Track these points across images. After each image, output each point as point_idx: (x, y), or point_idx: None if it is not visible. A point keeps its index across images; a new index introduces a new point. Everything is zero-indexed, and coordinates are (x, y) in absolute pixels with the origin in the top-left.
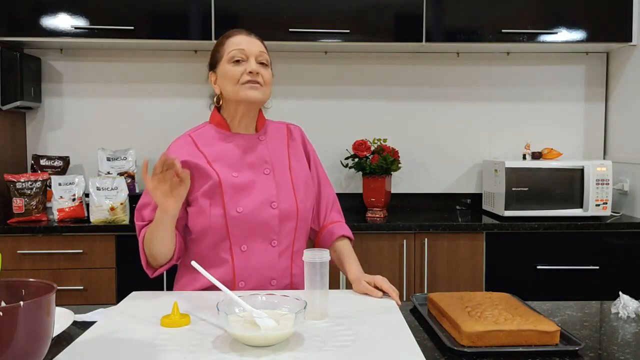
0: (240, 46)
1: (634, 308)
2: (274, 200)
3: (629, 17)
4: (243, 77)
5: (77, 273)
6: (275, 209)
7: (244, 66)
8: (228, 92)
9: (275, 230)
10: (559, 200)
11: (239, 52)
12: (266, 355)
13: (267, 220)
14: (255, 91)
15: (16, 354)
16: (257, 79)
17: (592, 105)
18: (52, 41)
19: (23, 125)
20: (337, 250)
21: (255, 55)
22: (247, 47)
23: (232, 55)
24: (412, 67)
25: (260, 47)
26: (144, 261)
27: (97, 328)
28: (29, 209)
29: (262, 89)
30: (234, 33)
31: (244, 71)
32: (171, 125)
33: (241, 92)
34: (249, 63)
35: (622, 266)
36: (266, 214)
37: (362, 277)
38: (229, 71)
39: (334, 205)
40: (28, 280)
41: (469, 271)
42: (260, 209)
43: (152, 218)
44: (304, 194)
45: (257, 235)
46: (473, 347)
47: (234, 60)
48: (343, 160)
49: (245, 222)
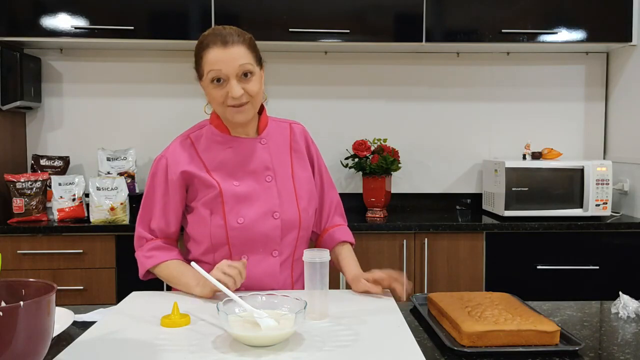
0: (216, 66)
1: (634, 308)
2: (276, 210)
3: (629, 17)
4: (227, 100)
5: (77, 273)
6: (277, 219)
7: (225, 89)
8: (216, 110)
9: (276, 241)
10: (559, 200)
11: (217, 72)
12: (266, 355)
13: (268, 231)
14: (241, 115)
15: (16, 354)
16: (240, 102)
17: (592, 105)
18: (52, 41)
19: (23, 125)
20: (337, 253)
21: (235, 73)
22: (225, 67)
23: (211, 76)
24: (412, 67)
25: (239, 58)
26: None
27: (97, 328)
28: (29, 209)
29: (247, 108)
30: (209, 43)
31: (226, 95)
32: (171, 125)
33: (227, 114)
34: (230, 85)
35: (622, 266)
36: (268, 225)
37: (361, 276)
38: (211, 93)
39: (337, 209)
40: (28, 280)
41: (469, 271)
42: (262, 220)
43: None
44: (306, 201)
45: (258, 246)
46: (473, 347)
47: (215, 79)
48: (343, 160)
49: (246, 233)
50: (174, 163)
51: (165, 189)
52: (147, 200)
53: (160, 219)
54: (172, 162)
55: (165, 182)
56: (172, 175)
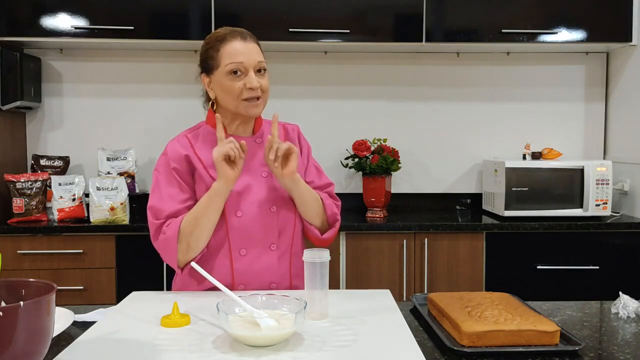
0: (238, 59)
1: (634, 308)
2: (273, 204)
3: (629, 17)
4: (243, 93)
5: (77, 273)
6: (274, 212)
7: (243, 80)
8: (226, 103)
9: (274, 234)
10: (559, 200)
11: (237, 65)
12: (266, 355)
13: (266, 224)
14: (255, 108)
15: (16, 354)
16: (257, 94)
17: (592, 105)
18: (52, 41)
19: (23, 125)
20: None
21: (254, 65)
22: (246, 60)
23: (230, 68)
24: (412, 67)
25: (258, 54)
26: (174, 257)
27: (97, 328)
28: (29, 209)
29: (261, 102)
30: (228, 37)
31: (243, 86)
32: (171, 125)
33: (241, 108)
34: (248, 77)
35: (622, 266)
36: (265, 218)
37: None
38: (228, 86)
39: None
40: (28, 280)
41: (469, 271)
42: (260, 213)
43: (175, 210)
44: None
45: (256, 239)
46: (473, 347)
47: (232, 72)
48: (343, 160)
49: (245, 226)
50: (175, 155)
51: (171, 179)
52: (155, 194)
53: (171, 206)
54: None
55: (170, 173)
56: (176, 164)
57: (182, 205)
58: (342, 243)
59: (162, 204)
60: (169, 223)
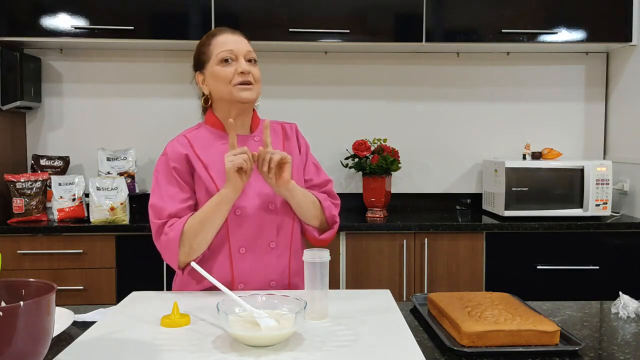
0: (227, 46)
1: (634, 308)
2: (272, 202)
3: (629, 17)
4: (235, 78)
5: (77, 273)
6: (273, 210)
7: (234, 66)
8: (220, 92)
9: (273, 232)
10: (559, 200)
11: (227, 52)
12: (266, 355)
13: (265, 222)
14: (248, 92)
15: (16, 354)
16: (248, 78)
17: (592, 105)
18: (52, 41)
19: (23, 125)
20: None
21: (244, 54)
22: (235, 47)
23: (221, 56)
24: (412, 67)
25: (247, 45)
26: (175, 259)
27: (97, 328)
28: (29, 209)
29: (253, 87)
30: (218, 32)
31: (234, 72)
32: (171, 125)
33: (234, 93)
34: (239, 63)
35: (622, 266)
36: (265, 216)
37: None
38: (219, 72)
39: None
40: (28, 280)
41: (469, 271)
42: (259, 211)
43: (176, 210)
44: None
45: (255, 237)
46: (473, 347)
47: (224, 60)
48: (343, 160)
49: (245, 224)
50: (175, 154)
51: (171, 179)
52: (155, 193)
53: (172, 206)
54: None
55: (170, 173)
56: (176, 164)
57: (183, 205)
58: (342, 243)
59: (163, 203)
60: (172, 224)
